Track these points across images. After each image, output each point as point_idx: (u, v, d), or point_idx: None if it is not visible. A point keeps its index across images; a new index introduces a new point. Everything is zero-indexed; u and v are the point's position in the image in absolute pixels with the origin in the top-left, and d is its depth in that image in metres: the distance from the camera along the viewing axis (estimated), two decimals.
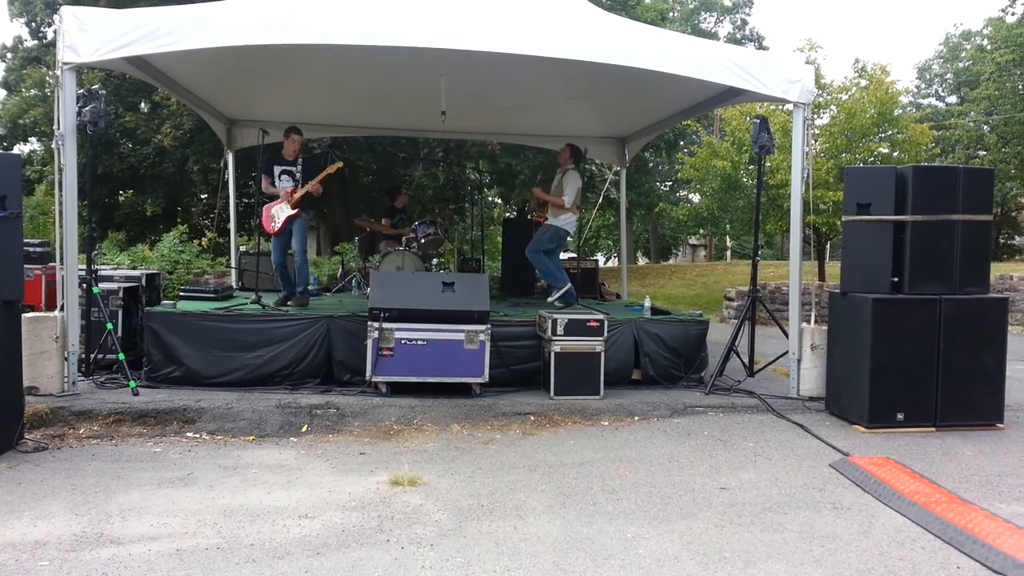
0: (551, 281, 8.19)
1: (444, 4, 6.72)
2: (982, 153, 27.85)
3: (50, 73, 17.41)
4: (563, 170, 8.31)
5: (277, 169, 7.66)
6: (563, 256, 9.42)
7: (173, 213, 19.96)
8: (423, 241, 9.63)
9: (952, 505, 4.17)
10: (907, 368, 5.88)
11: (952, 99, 35.28)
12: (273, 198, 7.66)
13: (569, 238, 8.60)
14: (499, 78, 8.53)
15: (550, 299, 8.03)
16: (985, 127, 28.20)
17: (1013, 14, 28.58)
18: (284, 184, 7.61)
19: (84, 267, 6.45)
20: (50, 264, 8.58)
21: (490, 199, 25.70)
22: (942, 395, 5.90)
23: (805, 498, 4.36)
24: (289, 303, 7.44)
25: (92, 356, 6.61)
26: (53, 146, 5.97)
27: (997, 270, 13.86)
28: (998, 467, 5.01)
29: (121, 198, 18.88)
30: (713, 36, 37.31)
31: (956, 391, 5.91)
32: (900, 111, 17.18)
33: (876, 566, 3.46)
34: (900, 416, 5.88)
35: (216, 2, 6.64)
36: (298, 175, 7.56)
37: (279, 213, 7.53)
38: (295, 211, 7.48)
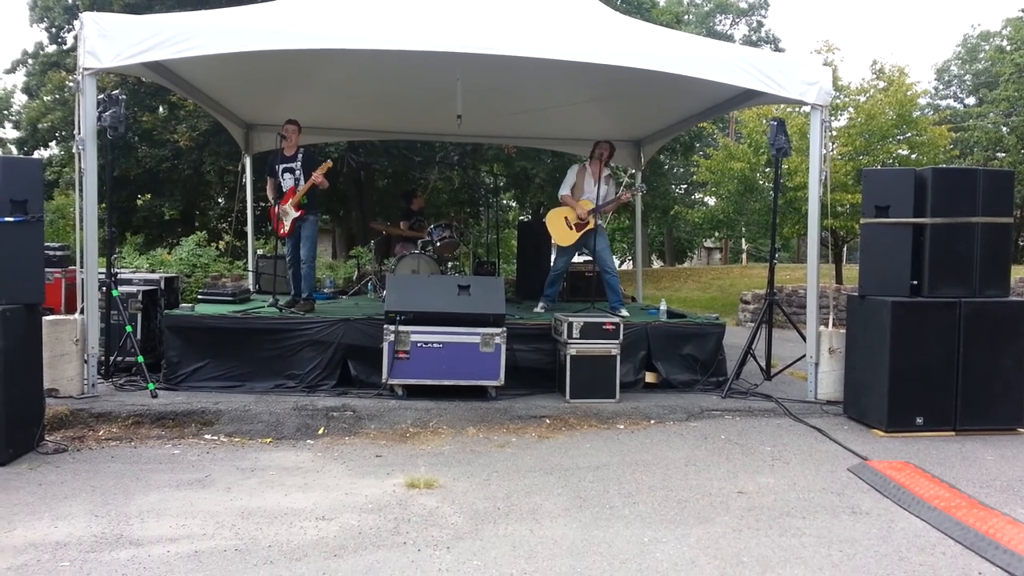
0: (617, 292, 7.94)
1: (460, 8, 6.74)
2: (1001, 155, 27.64)
3: (70, 77, 17.57)
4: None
5: (279, 168, 7.55)
6: (579, 259, 9.36)
7: (191, 216, 20.10)
8: (438, 244, 9.65)
9: (973, 510, 4.12)
10: (926, 372, 5.83)
11: (971, 100, 35.02)
12: (280, 199, 7.59)
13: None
14: (514, 82, 8.55)
15: (624, 312, 7.68)
16: (1004, 128, 27.98)
17: None
18: (287, 182, 7.50)
19: (104, 270, 6.50)
20: (70, 267, 8.66)
21: (505, 202, 25.75)
22: (962, 399, 5.85)
23: (823, 502, 4.33)
24: (293, 308, 7.42)
25: (111, 359, 6.66)
26: (73, 150, 6.03)
27: (1017, 273, 13.72)
28: (1019, 472, 4.95)
29: (139, 202, 19.04)
30: (728, 38, 37.17)
31: (976, 395, 5.86)
32: (918, 113, 17.08)
33: (896, 571, 3.43)
34: (919, 420, 5.83)
35: (234, 8, 6.69)
36: (299, 172, 7.42)
37: (285, 215, 7.51)
38: (299, 212, 7.41)
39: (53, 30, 19.91)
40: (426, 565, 3.39)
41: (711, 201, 23.66)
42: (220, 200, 20.22)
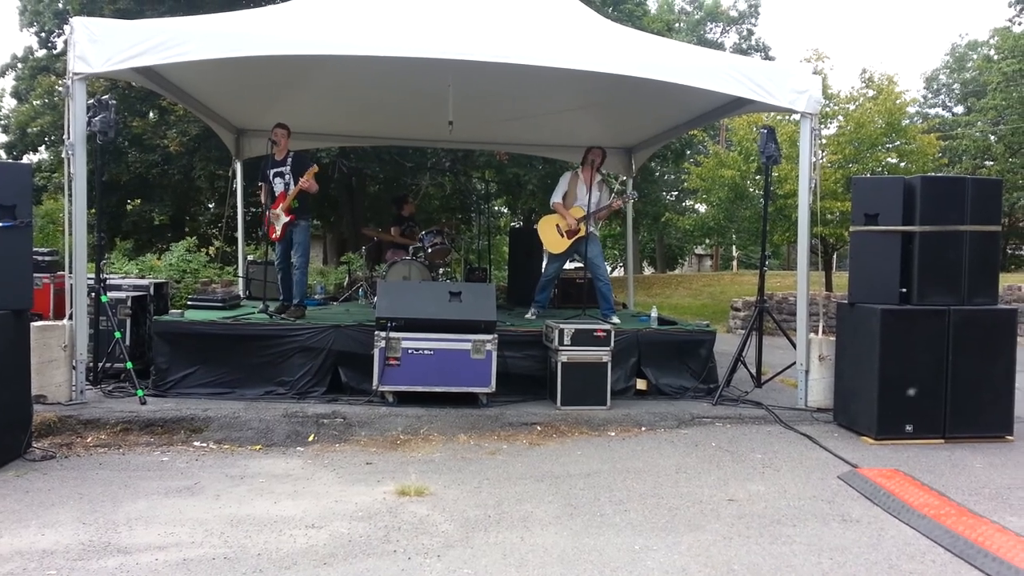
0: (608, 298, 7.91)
1: (452, 15, 6.75)
2: (989, 163, 27.86)
3: (59, 82, 17.52)
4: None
5: (271, 173, 7.55)
6: (570, 265, 9.36)
7: (181, 222, 20.07)
8: (430, 250, 9.64)
9: (962, 518, 4.14)
10: (916, 379, 5.84)
11: (959, 109, 35.29)
12: (272, 203, 7.56)
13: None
14: (506, 88, 8.56)
15: (615, 319, 7.70)
16: (992, 137, 28.20)
17: (1020, 24, 28.62)
18: (278, 187, 7.50)
19: (93, 276, 6.47)
20: (58, 273, 8.61)
21: (497, 208, 25.77)
22: (951, 407, 5.87)
23: (814, 510, 4.34)
24: (283, 315, 7.38)
25: (100, 365, 6.61)
26: (63, 155, 5.99)
27: (1005, 281, 13.78)
28: (1008, 480, 4.97)
29: (129, 207, 18.98)
30: (719, 47, 37.38)
31: (965, 403, 5.88)
32: (907, 121, 17.20)
33: None
34: (909, 428, 5.85)
35: (226, 13, 6.68)
36: (288, 176, 7.42)
37: (276, 220, 7.49)
38: (289, 217, 7.39)
39: (43, 34, 19.89)
40: (416, 573, 3.38)
41: (702, 208, 23.74)
42: (210, 205, 20.20)
